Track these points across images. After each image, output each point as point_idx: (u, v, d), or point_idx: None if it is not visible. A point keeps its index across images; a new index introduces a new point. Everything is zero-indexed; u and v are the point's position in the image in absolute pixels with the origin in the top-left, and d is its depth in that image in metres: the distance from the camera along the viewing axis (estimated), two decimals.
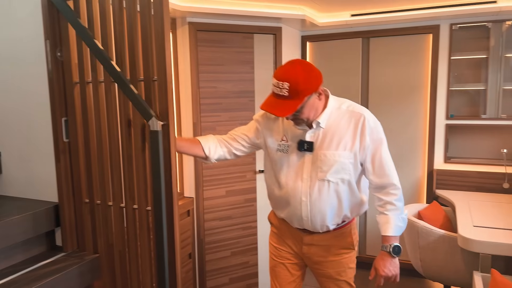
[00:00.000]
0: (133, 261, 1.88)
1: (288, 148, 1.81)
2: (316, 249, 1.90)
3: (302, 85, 1.60)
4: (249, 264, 3.28)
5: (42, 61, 1.90)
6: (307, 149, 1.75)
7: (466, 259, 2.51)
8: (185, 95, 2.91)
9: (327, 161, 1.72)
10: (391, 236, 1.75)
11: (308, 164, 1.77)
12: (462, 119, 3.32)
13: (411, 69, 3.41)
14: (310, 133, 1.76)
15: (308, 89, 1.62)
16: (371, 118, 1.74)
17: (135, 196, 1.83)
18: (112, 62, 1.73)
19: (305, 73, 1.62)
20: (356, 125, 1.72)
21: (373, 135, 1.73)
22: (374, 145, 1.73)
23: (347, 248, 1.91)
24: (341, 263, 1.90)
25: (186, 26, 2.84)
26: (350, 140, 1.72)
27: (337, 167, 1.72)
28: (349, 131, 1.73)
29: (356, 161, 1.74)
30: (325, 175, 1.73)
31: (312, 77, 1.64)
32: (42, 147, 2.00)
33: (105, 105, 1.84)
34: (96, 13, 1.81)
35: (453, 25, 3.24)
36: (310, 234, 1.89)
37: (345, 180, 1.75)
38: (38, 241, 1.97)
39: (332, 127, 1.74)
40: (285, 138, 1.83)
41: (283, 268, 1.98)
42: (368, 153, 1.74)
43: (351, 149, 1.72)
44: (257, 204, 3.25)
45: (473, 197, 3.09)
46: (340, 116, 1.75)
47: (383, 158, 1.75)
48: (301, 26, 3.48)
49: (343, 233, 1.89)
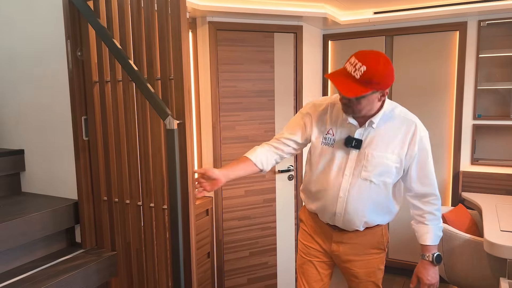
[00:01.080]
0: (149, 260, 1.89)
1: (334, 142, 1.78)
2: (345, 247, 1.86)
3: (377, 77, 1.55)
4: (268, 264, 3.25)
5: (63, 60, 1.94)
6: (354, 146, 1.72)
7: (492, 265, 2.41)
8: (204, 95, 2.91)
9: (374, 162, 1.70)
10: (432, 245, 1.78)
11: (352, 161, 1.74)
12: (490, 119, 3.19)
13: (436, 68, 3.30)
14: (360, 131, 1.73)
15: (380, 84, 1.57)
16: (422, 127, 1.73)
17: (152, 194, 1.84)
18: (130, 61, 1.75)
19: (385, 68, 1.56)
20: (407, 131, 1.71)
21: (422, 144, 1.72)
22: (421, 154, 1.73)
23: (377, 248, 1.88)
24: (370, 263, 1.87)
25: (206, 25, 2.84)
26: (398, 145, 1.71)
27: (382, 169, 1.71)
28: (399, 136, 1.71)
29: (401, 166, 1.73)
30: (370, 175, 1.71)
31: (388, 75, 1.59)
32: (62, 145, 2.04)
33: (123, 103, 1.86)
34: (115, 13, 1.83)
35: (481, 22, 3.12)
36: (340, 232, 1.85)
37: (386, 183, 1.74)
38: (58, 238, 2.01)
39: (383, 129, 1.72)
40: (331, 132, 1.79)
41: (311, 266, 1.95)
42: (415, 161, 1.73)
43: (399, 154, 1.71)
44: (276, 205, 3.22)
45: (501, 201, 2.96)
46: (392, 119, 1.73)
47: (428, 167, 1.75)
48: (322, 25, 3.43)
49: (374, 232, 1.86)
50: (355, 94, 1.55)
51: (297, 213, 3.34)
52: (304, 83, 3.28)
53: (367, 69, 1.53)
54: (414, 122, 1.72)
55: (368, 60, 1.54)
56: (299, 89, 3.22)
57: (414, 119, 1.74)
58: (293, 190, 3.30)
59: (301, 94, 3.24)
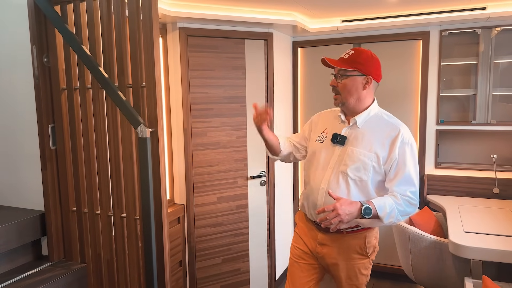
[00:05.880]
0: (121, 271, 1.85)
1: (325, 139, 1.94)
2: (328, 249, 1.91)
3: (362, 58, 1.79)
4: (240, 271, 3.25)
5: (28, 67, 1.87)
6: (339, 141, 1.86)
7: (457, 265, 2.51)
8: (175, 101, 2.88)
9: (352, 157, 1.80)
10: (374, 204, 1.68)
11: (336, 156, 1.86)
12: (452, 125, 3.34)
13: (401, 75, 3.42)
14: (346, 129, 1.88)
15: (363, 65, 1.78)
16: (406, 134, 1.80)
17: (123, 204, 1.80)
18: (100, 68, 1.71)
19: (371, 56, 1.82)
20: (389, 135, 1.79)
21: (403, 150, 1.77)
22: (401, 159, 1.76)
23: (360, 254, 1.89)
24: (352, 267, 1.89)
25: (177, 31, 2.82)
26: (379, 146, 1.79)
27: (358, 165, 1.78)
28: (381, 138, 1.80)
29: (379, 166, 1.78)
30: (346, 168, 1.80)
31: (373, 62, 1.82)
32: (28, 154, 1.96)
33: (93, 111, 1.82)
34: (84, 19, 1.79)
35: (443, 31, 3.26)
36: (325, 234, 1.90)
37: (363, 180, 1.79)
38: (24, 251, 1.93)
39: (367, 129, 1.84)
40: (325, 131, 1.97)
41: (297, 268, 2.01)
42: (395, 164, 1.77)
43: (377, 154, 1.78)
44: (249, 210, 3.22)
45: (464, 203, 3.09)
46: (378, 122, 1.85)
47: (408, 173, 1.76)
48: (292, 32, 3.48)
49: (357, 237, 1.88)
50: (339, 65, 1.81)
51: (269, 218, 3.35)
52: (275, 89, 3.31)
53: (354, 52, 1.81)
54: (399, 128, 1.80)
55: (358, 49, 1.84)
56: (270, 95, 3.25)
57: (400, 125, 1.82)
58: (266, 196, 3.31)
59: (272, 100, 3.26)
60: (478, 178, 3.25)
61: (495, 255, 2.17)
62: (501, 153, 3.28)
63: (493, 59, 3.17)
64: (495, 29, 3.15)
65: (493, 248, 2.18)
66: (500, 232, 2.40)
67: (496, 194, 3.19)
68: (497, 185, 3.19)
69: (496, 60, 3.18)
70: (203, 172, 3.01)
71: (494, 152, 3.27)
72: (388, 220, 1.71)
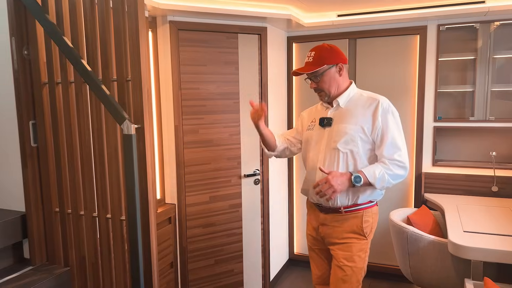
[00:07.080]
0: (106, 274, 1.76)
1: (314, 126, 2.12)
2: (327, 229, 2.05)
3: (324, 53, 1.98)
4: (234, 272, 3.16)
5: (7, 59, 1.77)
6: (326, 124, 2.04)
7: (457, 266, 2.44)
8: (166, 97, 2.79)
9: (339, 132, 1.96)
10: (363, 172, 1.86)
11: (325, 137, 2.03)
12: (450, 121, 3.27)
13: (398, 71, 3.35)
14: (331, 111, 2.06)
15: (329, 58, 1.98)
16: (385, 102, 1.96)
17: (108, 204, 1.71)
18: (83, 61, 1.61)
19: (329, 48, 2.01)
20: (370, 107, 1.97)
21: (384, 116, 1.93)
22: (384, 124, 1.92)
23: (357, 234, 1.99)
24: (349, 247, 1.99)
25: (167, 25, 2.72)
26: (362, 118, 1.95)
27: (346, 138, 1.94)
28: (362, 111, 1.97)
29: (366, 136, 1.93)
30: (336, 144, 1.96)
31: (334, 51, 2.00)
32: (7, 152, 1.86)
33: (76, 107, 1.72)
34: (66, 9, 1.69)
35: (441, 26, 3.19)
36: (325, 214, 2.04)
37: (354, 152, 1.94)
38: (4, 254, 1.83)
39: (351, 108, 2.01)
40: (314, 120, 2.14)
41: (315, 254, 2.22)
42: (379, 131, 1.92)
43: (361, 125, 1.94)
44: (242, 210, 3.14)
45: (462, 201, 3.03)
46: (359, 100, 2.03)
47: (393, 136, 1.91)
48: (286, 27, 3.40)
49: (354, 217, 2.00)
50: (311, 70, 1.97)
51: (263, 218, 3.27)
52: (269, 85, 3.22)
53: (315, 52, 2.01)
54: (378, 99, 1.98)
55: (316, 48, 2.03)
56: (264, 91, 3.17)
57: (379, 97, 1.99)
58: (260, 195, 3.23)
59: (266, 96, 3.18)
60: (476, 176, 3.19)
61: (496, 255, 2.10)
62: (500, 151, 3.22)
63: (492, 54, 3.10)
64: (494, 23, 3.08)
65: (494, 248, 2.11)
66: (500, 231, 2.33)
67: (495, 192, 3.13)
68: (496, 183, 3.13)
69: (495, 56, 3.11)
70: (195, 171, 2.92)
71: (492, 149, 3.21)
72: (380, 185, 1.87)
